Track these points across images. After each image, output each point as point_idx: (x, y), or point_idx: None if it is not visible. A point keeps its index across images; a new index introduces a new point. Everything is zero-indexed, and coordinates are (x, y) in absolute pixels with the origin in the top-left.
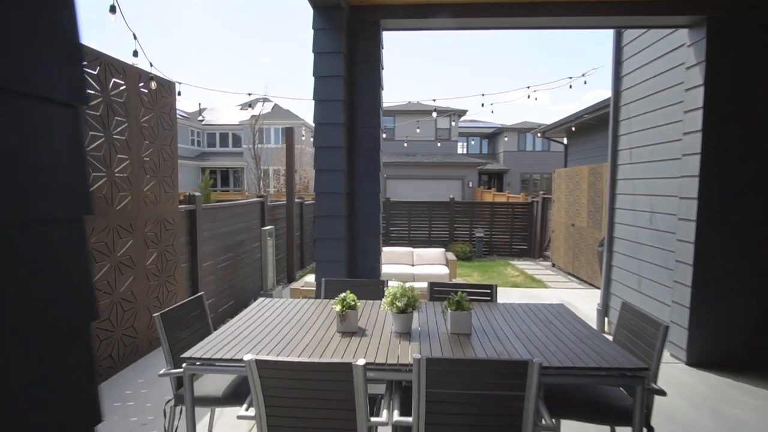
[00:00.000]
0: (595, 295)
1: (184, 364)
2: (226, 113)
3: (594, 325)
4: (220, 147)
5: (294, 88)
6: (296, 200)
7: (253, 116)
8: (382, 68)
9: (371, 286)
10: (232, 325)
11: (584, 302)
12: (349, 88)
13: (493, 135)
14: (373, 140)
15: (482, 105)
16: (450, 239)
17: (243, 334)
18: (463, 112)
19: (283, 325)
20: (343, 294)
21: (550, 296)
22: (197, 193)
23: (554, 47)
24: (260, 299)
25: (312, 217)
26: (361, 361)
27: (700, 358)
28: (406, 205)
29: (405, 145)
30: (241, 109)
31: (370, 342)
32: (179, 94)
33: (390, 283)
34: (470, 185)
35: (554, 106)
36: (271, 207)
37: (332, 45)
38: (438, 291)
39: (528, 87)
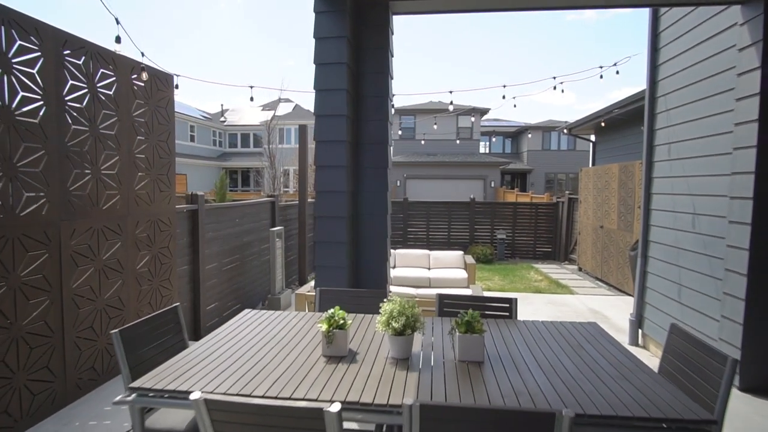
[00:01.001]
0: (626, 303)
1: (133, 395)
2: (248, 114)
3: (626, 337)
4: (242, 147)
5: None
6: (310, 200)
7: (274, 116)
8: (392, 56)
9: (372, 297)
10: (202, 345)
11: (615, 311)
12: (353, 77)
13: (516, 134)
14: (380, 134)
15: (503, 97)
16: (470, 241)
17: (211, 357)
18: (485, 111)
19: (261, 345)
20: (331, 310)
21: (577, 303)
22: (200, 193)
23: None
24: (245, 311)
25: None
26: (336, 407)
27: (755, 382)
28: (425, 205)
29: (422, 143)
30: (263, 109)
31: (360, 370)
32: (177, 87)
33: (398, 289)
34: (492, 185)
35: (581, 105)
36: (282, 207)
37: (335, 29)
38: (449, 304)
39: (554, 78)
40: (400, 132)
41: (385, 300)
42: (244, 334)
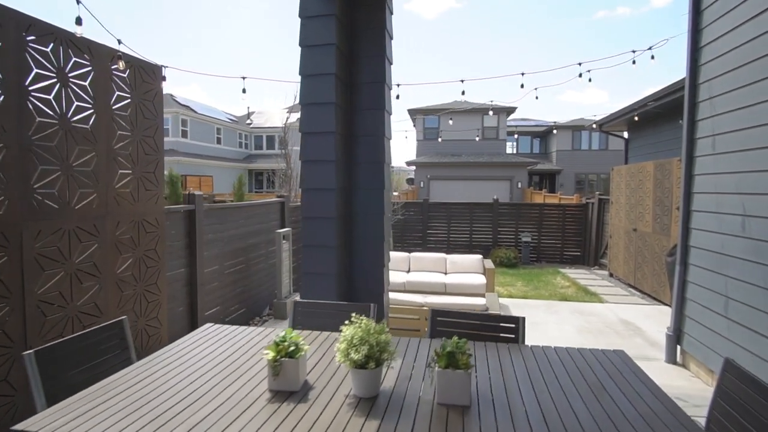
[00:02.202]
0: (662, 314)
1: None
2: (273, 116)
3: (663, 353)
4: (267, 149)
5: None
6: None
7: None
8: (391, 38)
9: (358, 311)
10: (138, 368)
11: (650, 322)
12: (345, 61)
13: (545, 133)
14: (376, 125)
15: (521, 86)
16: (493, 244)
17: (139, 386)
18: (511, 110)
19: (203, 372)
20: (282, 333)
21: (607, 313)
22: (198, 192)
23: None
24: (206, 325)
25: None
26: None
27: None
28: (445, 206)
29: (439, 140)
30: (288, 111)
31: (306, 413)
32: (164, 79)
33: (407, 296)
34: (519, 186)
35: (613, 104)
36: (292, 208)
37: (322, 6)
38: (444, 323)
39: (579, 64)
40: (422, 132)
41: (349, 321)
42: (191, 356)
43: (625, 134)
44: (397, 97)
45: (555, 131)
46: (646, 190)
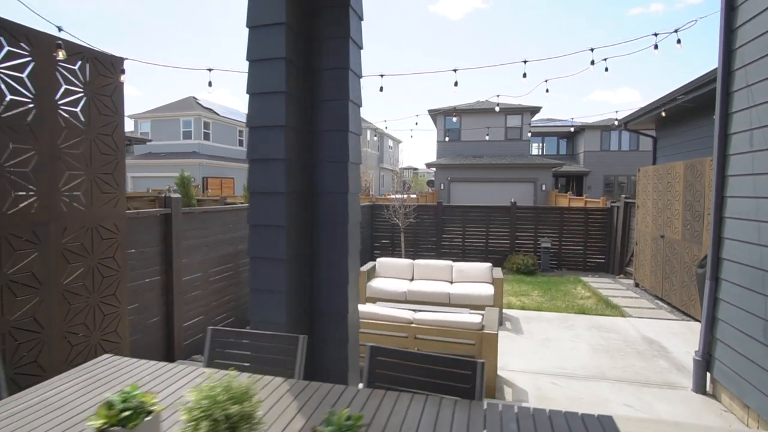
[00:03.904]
0: (692, 331)
1: None
2: None
3: (690, 382)
4: None
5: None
6: None
7: None
8: (360, 18)
9: (284, 345)
10: None
11: (677, 341)
12: (302, 43)
13: (572, 134)
14: (339, 118)
15: (524, 75)
16: (511, 250)
17: None
18: (536, 109)
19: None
20: (127, 388)
21: (628, 329)
22: (175, 195)
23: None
24: (104, 356)
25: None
26: None
27: None
28: (461, 210)
29: (447, 139)
30: None
31: None
32: (123, 72)
33: (390, 311)
34: (543, 188)
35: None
36: None
37: None
38: (384, 363)
39: (591, 50)
40: (441, 133)
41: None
42: (50, 404)
43: (654, 133)
44: (381, 89)
45: (581, 131)
46: (675, 193)
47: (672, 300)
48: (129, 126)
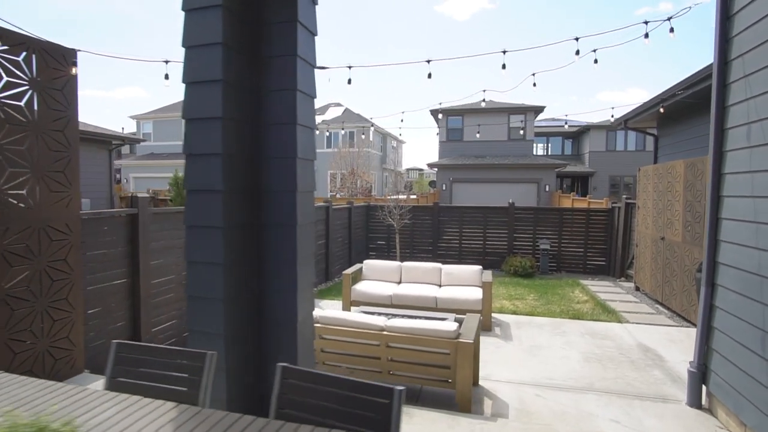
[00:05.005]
0: (690, 338)
1: None
2: None
3: (685, 395)
4: None
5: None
6: (322, 204)
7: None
8: (314, 2)
9: (184, 359)
10: None
11: (675, 349)
12: (244, 27)
13: (577, 134)
14: (287, 110)
15: (503, 66)
16: (509, 251)
17: None
18: (539, 109)
19: None
20: None
21: (624, 335)
22: (143, 194)
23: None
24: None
25: (341, 223)
26: None
27: None
28: (458, 211)
29: (448, 139)
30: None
31: None
32: (74, 64)
33: (369, 318)
34: (547, 189)
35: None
36: None
37: None
38: (296, 388)
39: (576, 39)
40: (443, 133)
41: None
42: None
43: (655, 131)
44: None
45: (586, 131)
46: (676, 194)
47: (672, 305)
48: (131, 127)
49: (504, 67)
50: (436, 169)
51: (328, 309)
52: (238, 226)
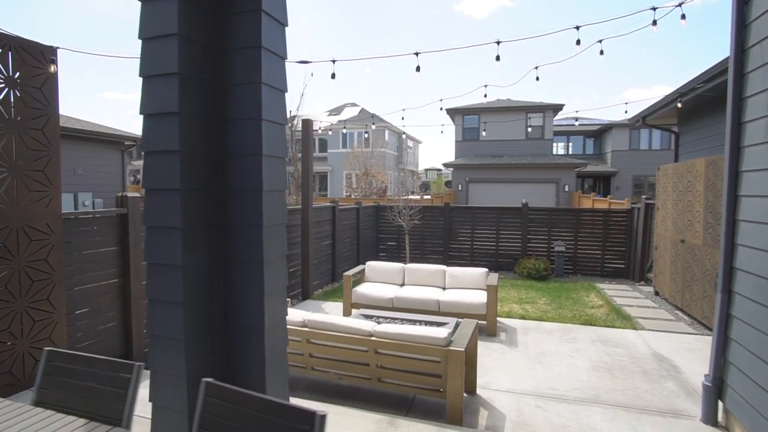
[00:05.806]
0: (710, 348)
1: None
2: (319, 116)
3: (699, 409)
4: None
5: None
6: (328, 204)
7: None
8: None
9: (114, 371)
10: None
11: (692, 359)
12: (204, 16)
13: (599, 133)
14: (252, 105)
15: (497, 58)
16: (522, 253)
17: None
18: (558, 107)
19: None
20: None
21: (638, 343)
22: (133, 194)
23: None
24: None
25: (348, 223)
26: None
27: None
28: (470, 211)
29: (483, 133)
30: (329, 114)
31: None
32: (54, 62)
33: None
34: (566, 189)
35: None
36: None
37: None
38: (217, 405)
39: (577, 28)
40: (457, 132)
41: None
42: None
43: (676, 128)
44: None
45: (608, 130)
46: (696, 193)
47: (693, 311)
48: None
49: (498, 58)
50: (452, 169)
51: (331, 311)
52: (201, 227)
